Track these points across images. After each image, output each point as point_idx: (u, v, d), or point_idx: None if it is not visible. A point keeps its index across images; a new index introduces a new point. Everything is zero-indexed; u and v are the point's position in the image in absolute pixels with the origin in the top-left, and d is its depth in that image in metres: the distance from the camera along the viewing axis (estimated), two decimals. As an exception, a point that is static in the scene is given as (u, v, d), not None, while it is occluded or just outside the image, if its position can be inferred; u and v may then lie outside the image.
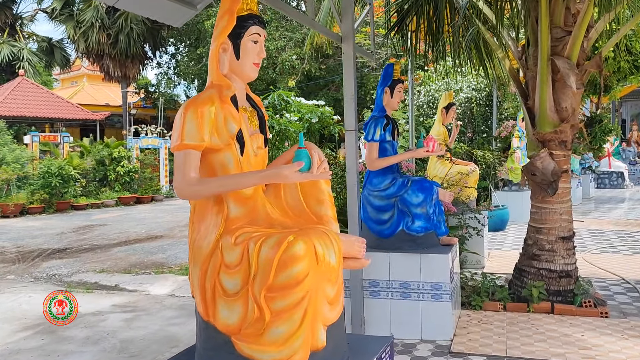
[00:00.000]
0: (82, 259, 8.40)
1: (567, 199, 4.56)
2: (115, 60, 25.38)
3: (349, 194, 3.99)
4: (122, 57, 25.25)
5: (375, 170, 4.14)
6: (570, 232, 4.57)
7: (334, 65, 22.68)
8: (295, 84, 21.09)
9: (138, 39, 25.03)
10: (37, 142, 18.96)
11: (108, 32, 24.55)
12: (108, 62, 25.44)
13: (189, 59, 25.19)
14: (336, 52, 20.99)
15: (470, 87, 10.50)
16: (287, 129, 5.46)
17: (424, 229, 4.05)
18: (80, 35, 24.45)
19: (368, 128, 4.12)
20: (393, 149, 4.21)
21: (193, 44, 25.04)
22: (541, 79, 4.36)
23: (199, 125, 1.91)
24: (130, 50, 24.98)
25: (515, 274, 4.73)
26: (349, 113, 3.94)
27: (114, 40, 24.67)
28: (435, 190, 4.08)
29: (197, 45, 23.99)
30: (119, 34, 24.54)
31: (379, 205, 4.12)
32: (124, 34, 24.54)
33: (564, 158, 4.50)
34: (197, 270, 1.94)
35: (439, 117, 6.54)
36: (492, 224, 8.99)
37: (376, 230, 4.15)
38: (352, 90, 3.92)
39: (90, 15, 24.06)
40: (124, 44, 24.75)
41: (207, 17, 22.76)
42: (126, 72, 25.96)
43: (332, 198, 2.26)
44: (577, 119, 4.49)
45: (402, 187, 4.04)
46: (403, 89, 4.28)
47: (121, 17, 24.37)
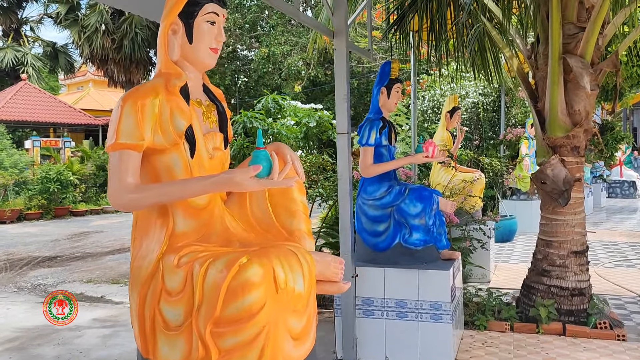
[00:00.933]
0: (71, 268, 8.10)
1: (580, 209, 4.19)
2: (119, 65, 25.23)
3: (341, 203, 3.64)
4: (126, 62, 25.09)
5: (370, 178, 3.79)
6: (584, 246, 4.20)
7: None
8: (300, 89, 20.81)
9: (143, 44, 24.87)
10: (39, 147, 18.77)
11: (112, 36, 24.41)
12: (112, 67, 25.29)
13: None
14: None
15: (477, 91, 10.14)
16: (280, 132, 5.13)
17: (423, 242, 3.69)
18: (85, 40, 24.33)
19: (362, 131, 3.78)
20: (390, 154, 3.86)
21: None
22: (552, 79, 4.00)
23: (138, 121, 1.58)
24: (135, 56, 24.81)
25: (524, 291, 4.35)
26: (341, 115, 3.60)
27: (119, 45, 24.52)
28: (435, 200, 3.72)
29: (201, 50, 23.77)
30: (123, 38, 24.39)
31: (374, 216, 3.77)
32: (128, 39, 24.39)
33: (577, 165, 4.14)
34: (134, 296, 1.60)
35: (442, 121, 6.19)
36: (500, 234, 8.60)
37: (371, 243, 3.80)
38: (344, 90, 3.59)
39: (94, 20, 23.94)
40: (128, 49, 24.60)
41: (212, 22, 22.58)
42: (131, 77, 25.79)
43: (306, 209, 1.92)
44: (590, 123, 4.13)
45: (398, 195, 3.69)
46: (401, 89, 3.93)
47: (125, 22, 24.24)
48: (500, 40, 4.44)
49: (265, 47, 20.36)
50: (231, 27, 21.94)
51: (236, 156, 5.15)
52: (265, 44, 20.42)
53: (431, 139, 3.71)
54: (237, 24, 22.30)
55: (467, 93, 10.26)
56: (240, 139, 5.13)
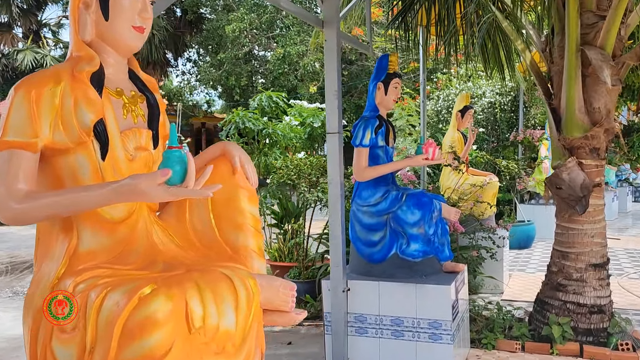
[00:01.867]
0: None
1: (600, 217, 3.79)
2: (137, 67, 25.28)
3: (331, 210, 3.32)
4: (143, 64, 25.06)
5: (365, 182, 3.46)
6: (604, 258, 3.80)
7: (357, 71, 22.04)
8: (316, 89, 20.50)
9: (160, 46, 24.77)
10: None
11: (130, 38, 24.44)
12: (130, 68, 25.36)
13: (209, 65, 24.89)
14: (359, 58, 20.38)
15: (494, 91, 9.70)
16: (276, 132, 4.82)
17: (422, 253, 3.34)
18: (103, 42, 24.40)
19: (356, 131, 3.45)
20: (387, 156, 3.53)
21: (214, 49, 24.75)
22: (569, 74, 3.62)
23: (32, 113, 1.28)
24: (152, 57, 24.67)
25: (537, 307, 3.97)
26: (331, 112, 3.28)
27: (136, 46, 24.55)
28: (436, 207, 3.37)
29: (217, 50, 23.67)
30: (140, 40, 24.39)
31: (369, 224, 3.43)
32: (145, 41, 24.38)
33: (597, 169, 3.74)
34: (26, 329, 1.31)
35: (453, 121, 5.82)
36: (517, 241, 8.17)
37: (365, 254, 3.46)
38: (335, 86, 3.26)
39: (112, 21, 24.00)
40: (145, 51, 24.38)
41: (228, 21, 22.44)
42: (148, 78, 25.84)
43: (258, 222, 1.60)
44: (612, 121, 3.73)
45: (395, 202, 3.35)
46: (400, 84, 3.59)
47: (143, 24, 24.25)
48: (512, 31, 4.07)
49: (281, 47, 20.10)
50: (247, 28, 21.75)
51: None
52: (281, 44, 20.17)
53: (431, 139, 3.36)
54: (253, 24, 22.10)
55: (484, 92, 9.82)
56: (233, 139, 4.83)
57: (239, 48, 22.24)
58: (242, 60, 23.06)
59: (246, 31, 21.96)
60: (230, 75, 22.89)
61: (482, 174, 6.01)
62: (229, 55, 22.55)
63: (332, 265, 3.31)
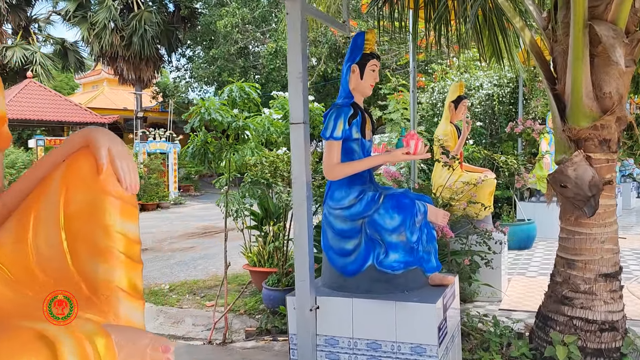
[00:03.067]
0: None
1: (612, 220, 3.29)
2: (129, 63, 24.76)
3: (296, 214, 2.81)
4: (136, 60, 24.61)
5: (338, 181, 2.95)
6: (616, 266, 3.29)
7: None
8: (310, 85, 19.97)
9: (152, 41, 24.34)
10: (42, 146, 18.30)
11: (121, 33, 23.94)
12: (122, 64, 24.83)
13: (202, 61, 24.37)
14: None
15: (492, 82, 9.19)
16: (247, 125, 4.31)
17: (403, 264, 2.84)
18: (94, 37, 23.89)
19: (327, 121, 2.94)
20: (363, 150, 3.02)
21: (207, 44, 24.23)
22: (574, 54, 3.11)
23: None
24: (145, 53, 24.31)
25: (539, 323, 3.46)
26: (295, 98, 2.78)
27: (128, 42, 24.03)
28: (419, 209, 2.86)
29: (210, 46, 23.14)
30: (132, 35, 23.88)
31: (342, 230, 2.93)
32: (137, 36, 23.87)
33: (607, 164, 3.24)
34: None
35: (446, 113, 5.31)
36: (517, 241, 7.67)
37: (338, 264, 2.96)
38: (299, 67, 2.76)
39: (103, 16, 23.47)
40: (137, 46, 24.09)
41: (220, 17, 21.90)
42: (140, 74, 25.31)
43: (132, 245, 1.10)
44: (624, 109, 3.22)
45: (371, 204, 2.84)
46: (379, 67, 3.08)
47: (135, 19, 23.75)
48: (509, 7, 3.55)
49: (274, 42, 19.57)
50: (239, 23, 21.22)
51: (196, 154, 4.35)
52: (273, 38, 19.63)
53: (414, 131, 2.86)
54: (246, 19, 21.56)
55: (482, 84, 9.31)
56: (201, 134, 4.32)
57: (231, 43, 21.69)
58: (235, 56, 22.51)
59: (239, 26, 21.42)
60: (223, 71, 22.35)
61: (478, 170, 5.51)
62: (222, 50, 22.01)
63: (297, 280, 2.81)
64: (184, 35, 25.73)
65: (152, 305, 5.73)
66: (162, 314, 5.47)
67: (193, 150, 4.37)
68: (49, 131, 22.76)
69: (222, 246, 8.68)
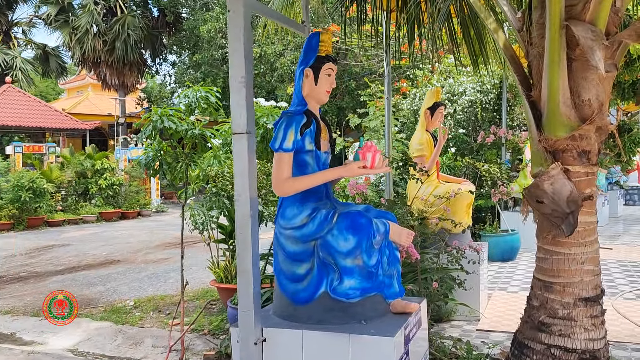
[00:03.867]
0: (3, 292, 7.04)
1: (592, 239, 3.01)
2: (112, 68, 24.41)
3: (239, 235, 2.50)
4: (119, 65, 24.25)
5: (290, 197, 2.65)
6: (597, 289, 3.02)
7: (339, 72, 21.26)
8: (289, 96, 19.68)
9: (136, 46, 24.01)
10: (21, 152, 17.86)
11: (104, 38, 23.60)
12: (105, 69, 24.48)
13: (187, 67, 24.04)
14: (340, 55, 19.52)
15: (475, 88, 8.94)
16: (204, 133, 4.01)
17: (360, 291, 2.54)
18: (76, 42, 23.49)
19: (276, 130, 2.65)
20: (318, 163, 2.72)
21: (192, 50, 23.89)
22: (550, 58, 2.84)
23: None
24: (128, 58, 23.96)
25: (515, 350, 3.17)
26: (237, 106, 2.47)
27: (111, 47, 23.69)
28: (377, 229, 2.57)
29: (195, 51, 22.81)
30: (115, 40, 23.55)
31: (293, 252, 2.63)
32: (120, 41, 23.54)
33: (587, 177, 2.96)
34: None
35: (422, 120, 5.03)
36: (499, 253, 7.42)
37: (289, 291, 2.65)
38: (241, 70, 2.46)
39: (85, 21, 23.12)
40: (121, 51, 23.75)
41: (204, 21, 21.60)
42: (124, 80, 24.96)
43: None
44: (605, 117, 2.96)
45: (324, 223, 2.54)
46: (335, 71, 2.79)
47: (117, 23, 23.41)
48: (482, 7, 3.28)
49: (258, 46, 19.29)
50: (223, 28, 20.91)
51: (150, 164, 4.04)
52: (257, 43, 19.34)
53: (371, 143, 2.56)
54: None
55: (464, 90, 9.07)
56: (155, 143, 4.01)
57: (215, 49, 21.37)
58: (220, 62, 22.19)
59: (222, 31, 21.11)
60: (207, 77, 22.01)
61: (456, 180, 5.23)
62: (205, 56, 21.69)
63: (241, 310, 2.50)
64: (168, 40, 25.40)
65: (111, 325, 5.38)
66: (120, 334, 5.13)
67: (147, 161, 4.05)
68: (31, 137, 22.34)
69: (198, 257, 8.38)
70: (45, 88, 44.55)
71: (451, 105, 9.23)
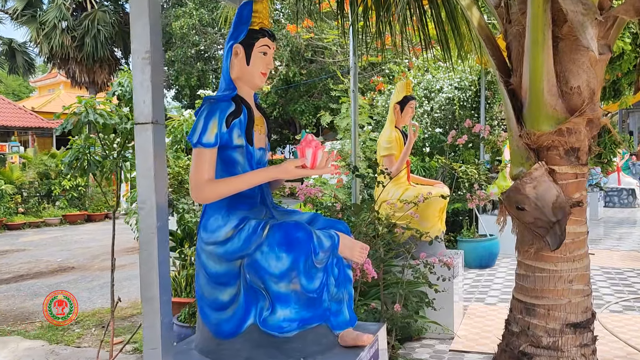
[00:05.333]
0: None
1: (582, 252, 2.54)
2: (81, 65, 23.55)
3: (142, 250, 1.97)
4: (89, 62, 23.41)
5: (215, 203, 2.13)
6: (588, 312, 2.55)
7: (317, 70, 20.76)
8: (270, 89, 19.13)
9: (106, 42, 23.19)
10: (-19, 152, 17.03)
11: (73, 34, 22.73)
12: (74, 66, 23.60)
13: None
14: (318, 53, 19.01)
15: (453, 85, 8.51)
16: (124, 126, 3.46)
17: (297, 322, 2.02)
18: (43, 38, 22.62)
19: (196, 120, 2.12)
20: (251, 161, 2.20)
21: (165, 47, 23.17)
22: (533, 37, 2.37)
23: None
24: (98, 54, 23.14)
25: (491, 384, 2.69)
26: (141, 90, 1.94)
27: (80, 43, 22.85)
28: (320, 244, 2.05)
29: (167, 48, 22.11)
30: (85, 36, 22.73)
31: (216, 273, 2.10)
32: (90, 37, 22.72)
33: (576, 180, 2.49)
34: None
35: (390, 116, 4.55)
36: (478, 259, 6.99)
37: (212, 321, 2.12)
38: (146, 44, 1.93)
39: (53, 15, 22.25)
40: (90, 48, 22.93)
41: (176, 17, 20.93)
42: (94, 77, 24.10)
43: None
44: (597, 108, 2.49)
45: (252, 237, 2.02)
46: (273, 49, 2.28)
47: (87, 19, 22.60)
48: (453, -20, 2.80)
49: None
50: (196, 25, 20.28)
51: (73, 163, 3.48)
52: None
53: (312, 136, 2.04)
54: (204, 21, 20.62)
55: (442, 87, 8.62)
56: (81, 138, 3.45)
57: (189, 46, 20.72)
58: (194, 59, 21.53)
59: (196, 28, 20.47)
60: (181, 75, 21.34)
61: (428, 182, 4.75)
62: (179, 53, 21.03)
63: (146, 346, 1.96)
64: (141, 37, 24.64)
65: (44, 344, 4.78)
66: (52, 355, 4.54)
67: (69, 159, 3.48)
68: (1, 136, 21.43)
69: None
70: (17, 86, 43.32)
71: (428, 102, 8.79)
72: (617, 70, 8.08)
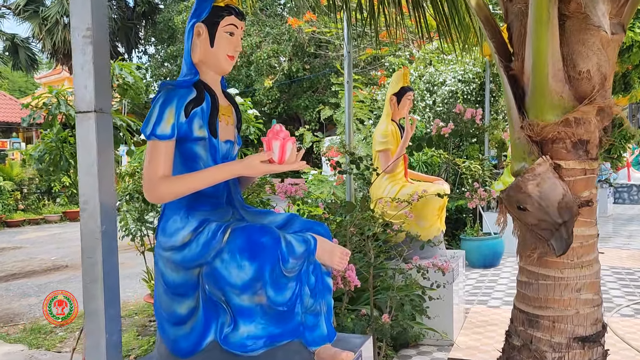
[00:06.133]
0: None
1: (591, 258, 2.27)
2: (84, 61, 23.36)
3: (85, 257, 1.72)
4: (92, 57, 23.21)
5: (173, 204, 1.88)
6: (598, 324, 2.27)
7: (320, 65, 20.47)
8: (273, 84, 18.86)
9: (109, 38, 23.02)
10: (-18, 148, 16.93)
11: (75, 29, 22.56)
12: (76, 62, 23.43)
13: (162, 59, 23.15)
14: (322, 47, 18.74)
15: (457, 78, 8.21)
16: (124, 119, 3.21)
17: (265, 339, 1.77)
18: (46, 33, 22.49)
19: (151, 108, 1.87)
20: (216, 156, 1.95)
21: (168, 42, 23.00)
22: (537, 15, 2.10)
23: None
24: (100, 50, 22.92)
25: (489, 402, 2.43)
26: (81, 73, 1.69)
27: (82, 38, 22.66)
28: (290, 250, 1.79)
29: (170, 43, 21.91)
30: (87, 31, 22.52)
31: (173, 283, 1.85)
32: (92, 32, 22.50)
33: (585, 176, 2.22)
34: None
35: (387, 108, 4.28)
36: (482, 258, 6.72)
37: (169, 337, 1.87)
38: (87, 20, 1.68)
39: (55, 11, 22.11)
40: (93, 43, 22.71)
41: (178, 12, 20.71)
42: (97, 73, 23.94)
43: None
44: (609, 95, 2.22)
45: (211, 242, 1.77)
46: (241, 29, 2.02)
47: (89, 14, 22.38)
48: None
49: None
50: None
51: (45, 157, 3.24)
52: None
53: (280, 127, 1.78)
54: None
55: (444, 80, 8.33)
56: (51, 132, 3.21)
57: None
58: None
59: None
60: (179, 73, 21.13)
61: (427, 179, 4.49)
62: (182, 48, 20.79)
63: (91, 367, 1.72)
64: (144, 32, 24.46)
65: (23, 349, 4.57)
66: (31, 361, 4.33)
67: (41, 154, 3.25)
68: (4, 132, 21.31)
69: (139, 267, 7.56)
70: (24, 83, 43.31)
71: (430, 96, 8.50)
72: (627, 63, 7.77)
